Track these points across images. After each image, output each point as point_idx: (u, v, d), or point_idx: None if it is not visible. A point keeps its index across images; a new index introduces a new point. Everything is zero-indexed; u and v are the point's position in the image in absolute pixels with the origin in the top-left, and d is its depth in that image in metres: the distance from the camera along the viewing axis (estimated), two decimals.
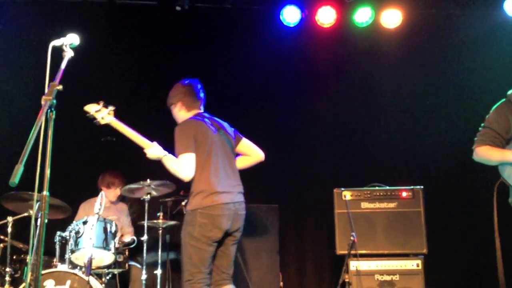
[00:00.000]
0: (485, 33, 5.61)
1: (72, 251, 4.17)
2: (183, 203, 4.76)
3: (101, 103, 3.46)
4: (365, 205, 4.95)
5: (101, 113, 3.46)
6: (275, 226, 5.25)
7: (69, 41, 2.61)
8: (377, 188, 5.01)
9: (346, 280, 4.74)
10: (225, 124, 3.75)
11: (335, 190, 5.00)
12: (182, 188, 4.62)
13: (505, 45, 5.38)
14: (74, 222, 4.32)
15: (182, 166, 3.40)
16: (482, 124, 3.36)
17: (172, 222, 4.72)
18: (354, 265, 4.77)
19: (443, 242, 5.28)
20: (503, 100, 3.31)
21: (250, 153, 3.81)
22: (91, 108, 3.47)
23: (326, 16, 5.66)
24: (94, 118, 3.45)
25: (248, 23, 5.80)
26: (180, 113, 3.74)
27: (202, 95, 3.78)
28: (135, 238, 4.74)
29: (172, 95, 3.78)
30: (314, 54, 5.85)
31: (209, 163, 3.49)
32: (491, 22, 5.60)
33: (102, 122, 3.47)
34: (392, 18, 5.64)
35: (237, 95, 5.72)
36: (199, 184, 3.47)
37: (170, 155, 3.46)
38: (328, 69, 5.88)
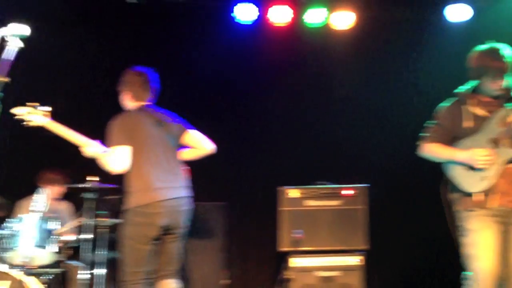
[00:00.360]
0: (429, 36, 5.79)
1: (9, 250, 4.03)
2: None
3: (35, 105, 3.39)
4: (309, 203, 5.02)
5: (34, 115, 3.40)
6: (222, 224, 5.27)
7: (15, 32, 2.51)
8: (321, 186, 5.09)
9: (287, 276, 4.80)
10: (170, 116, 3.66)
11: (279, 188, 5.07)
12: None
13: (447, 48, 5.57)
14: (10, 219, 4.17)
15: (111, 158, 3.35)
16: (431, 121, 3.41)
17: (117, 220, 4.63)
18: (297, 262, 4.84)
19: (386, 239, 5.39)
20: (454, 98, 3.38)
21: (197, 146, 3.70)
22: (19, 110, 3.38)
23: (280, 15, 5.69)
24: (23, 120, 3.37)
25: (205, 18, 5.76)
26: (126, 102, 3.67)
27: (154, 85, 3.67)
28: (78, 237, 4.62)
29: (122, 81, 3.68)
30: (269, 53, 5.84)
31: (145, 159, 3.42)
32: (434, 26, 5.78)
33: (33, 124, 3.40)
34: (346, 20, 5.72)
35: (191, 90, 5.68)
36: (134, 181, 3.41)
37: (107, 151, 3.39)
38: (281, 68, 5.89)
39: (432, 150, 3.35)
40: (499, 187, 3.13)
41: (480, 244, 3.11)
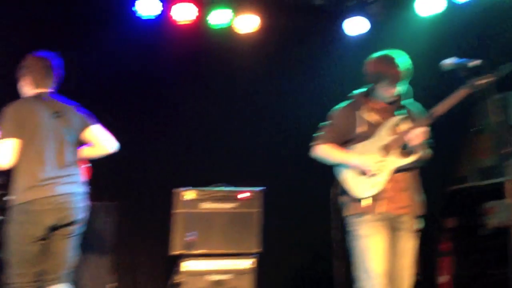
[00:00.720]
0: (330, 46, 5.99)
1: None
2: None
3: None
4: (204, 205, 4.97)
5: None
6: (113, 225, 5.06)
7: None
8: (217, 188, 5.05)
9: (177, 281, 4.72)
10: (71, 108, 3.43)
11: (174, 190, 4.97)
12: None
13: (345, 58, 5.76)
14: None
15: None
16: (325, 122, 3.45)
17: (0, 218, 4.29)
18: (188, 265, 4.77)
19: (280, 242, 5.49)
20: (348, 101, 3.45)
21: (96, 143, 3.52)
22: None
23: (184, 13, 5.56)
24: None
25: (107, 9, 5.51)
26: (24, 89, 3.41)
27: (57, 72, 3.44)
28: None
29: (22, 66, 3.42)
30: (171, 51, 5.70)
31: (35, 152, 3.20)
32: (334, 37, 5.97)
33: None
34: (250, 23, 5.72)
35: (88, 83, 5.38)
36: (20, 176, 3.19)
37: None
38: (183, 67, 5.78)
39: (325, 151, 3.38)
40: (387, 194, 3.23)
41: (371, 249, 3.19)
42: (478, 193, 6.28)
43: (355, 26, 5.85)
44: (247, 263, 4.88)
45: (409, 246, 3.30)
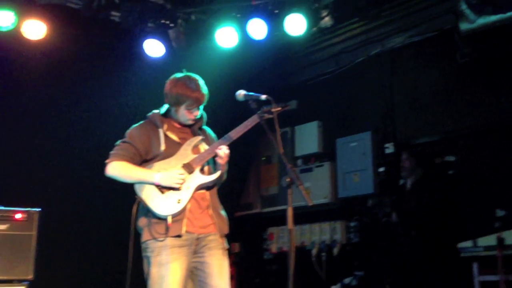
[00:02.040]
0: (126, 64, 5.85)
1: None
2: None
3: None
4: None
5: None
6: None
7: None
8: None
9: None
10: None
11: None
12: None
13: (143, 79, 5.75)
14: None
15: None
16: (122, 140, 3.31)
17: None
18: None
19: (56, 267, 5.15)
20: (147, 120, 3.37)
21: None
22: None
23: None
24: None
25: None
26: None
27: None
28: None
29: None
30: None
31: None
32: (133, 57, 5.80)
33: None
34: (36, 30, 5.23)
35: None
36: None
37: None
38: None
39: (121, 169, 3.22)
40: (189, 213, 3.18)
41: (168, 279, 3.05)
42: (262, 220, 6.64)
43: (155, 48, 5.76)
44: None
45: (223, 265, 3.23)
